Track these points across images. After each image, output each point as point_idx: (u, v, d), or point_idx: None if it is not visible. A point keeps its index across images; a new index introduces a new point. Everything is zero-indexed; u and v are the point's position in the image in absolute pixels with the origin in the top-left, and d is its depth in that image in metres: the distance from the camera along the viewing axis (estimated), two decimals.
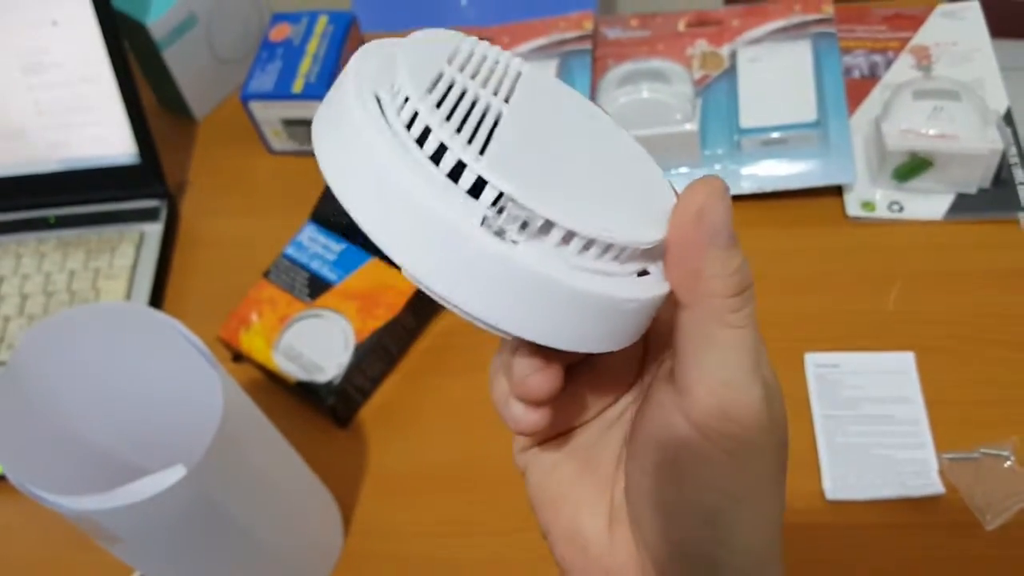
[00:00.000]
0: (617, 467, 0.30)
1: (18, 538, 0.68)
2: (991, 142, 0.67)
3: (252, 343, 0.69)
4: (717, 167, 0.73)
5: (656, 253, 0.26)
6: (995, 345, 0.65)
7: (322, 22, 0.83)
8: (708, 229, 0.25)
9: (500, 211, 0.23)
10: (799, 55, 0.75)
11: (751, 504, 0.27)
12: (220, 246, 0.81)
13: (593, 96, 0.77)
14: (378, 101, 0.24)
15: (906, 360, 0.64)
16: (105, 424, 0.52)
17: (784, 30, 0.77)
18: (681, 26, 0.81)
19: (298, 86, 0.80)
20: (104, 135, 0.79)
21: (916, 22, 0.80)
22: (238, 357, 0.71)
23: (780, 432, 0.27)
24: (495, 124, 0.25)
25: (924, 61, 0.78)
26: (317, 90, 0.79)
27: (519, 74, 0.28)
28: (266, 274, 0.72)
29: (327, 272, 0.71)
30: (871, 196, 0.72)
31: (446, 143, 0.23)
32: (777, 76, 0.74)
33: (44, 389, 0.49)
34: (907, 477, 0.60)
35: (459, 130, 0.24)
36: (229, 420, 0.45)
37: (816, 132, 0.71)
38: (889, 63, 0.78)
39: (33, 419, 0.48)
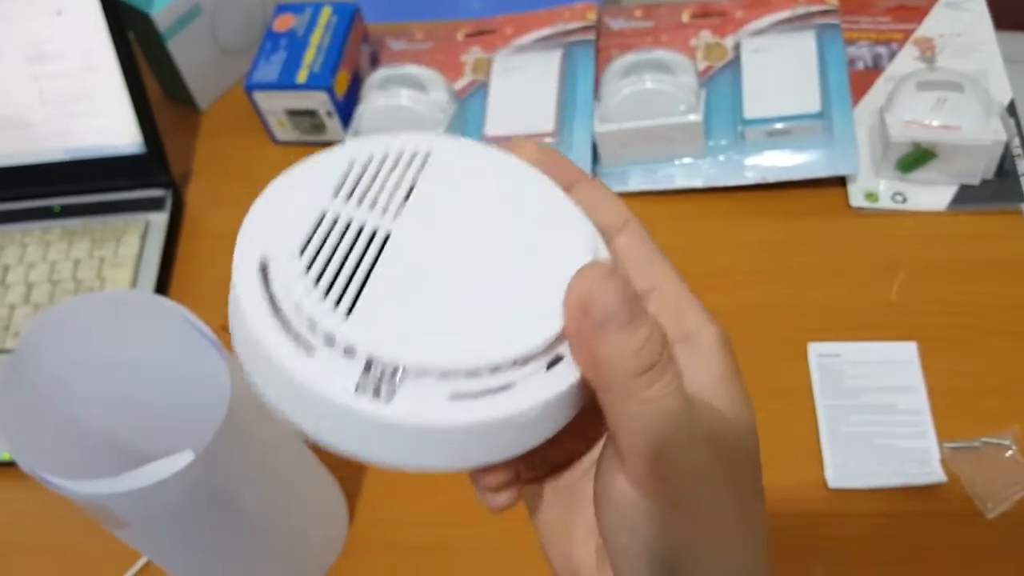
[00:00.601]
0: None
1: (27, 524, 0.68)
2: (994, 133, 0.68)
3: None
4: (721, 158, 0.73)
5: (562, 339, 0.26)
6: (997, 335, 0.65)
7: (326, 13, 0.83)
8: (597, 318, 0.25)
9: (369, 369, 0.24)
10: (803, 46, 0.75)
11: (711, 543, 0.27)
12: (225, 236, 0.80)
13: (597, 87, 0.77)
14: (263, 271, 0.26)
15: (909, 350, 0.65)
16: (112, 411, 0.52)
17: (788, 21, 0.77)
18: (685, 17, 0.81)
19: (302, 76, 0.80)
20: (109, 125, 0.80)
21: (920, 13, 0.80)
22: None
23: (737, 467, 0.27)
24: (373, 265, 0.26)
25: (928, 52, 0.78)
26: (321, 80, 0.79)
27: (424, 163, 0.28)
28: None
29: None
30: (874, 187, 0.72)
31: (313, 317, 0.24)
32: (781, 67, 0.74)
33: (52, 377, 0.49)
34: (909, 466, 0.60)
35: (329, 290, 0.25)
36: (236, 406, 0.45)
37: (820, 123, 0.71)
38: (893, 54, 0.78)
39: (41, 406, 0.48)
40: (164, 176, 0.81)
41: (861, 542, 0.58)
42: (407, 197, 0.28)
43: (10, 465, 0.70)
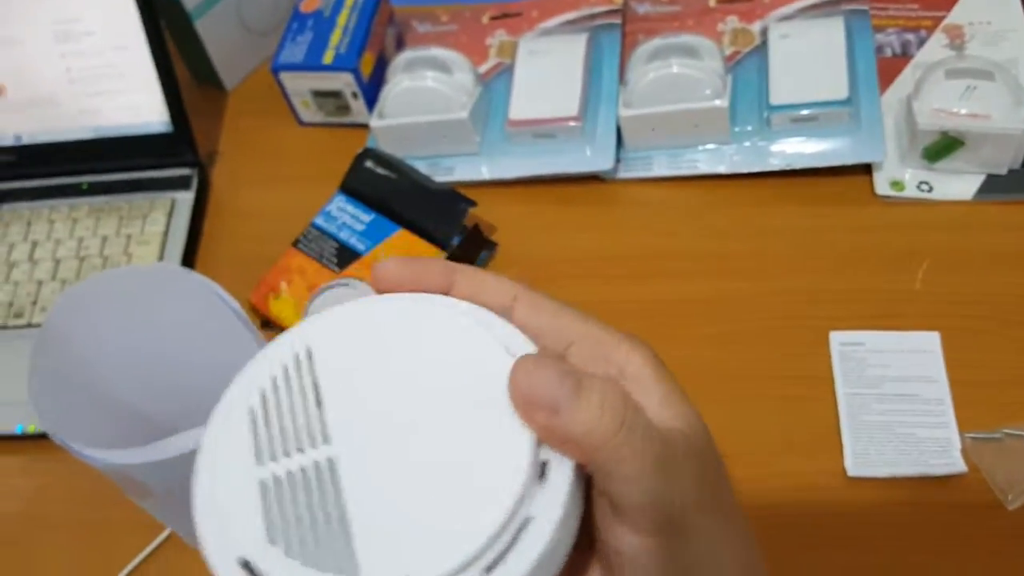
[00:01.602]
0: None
1: (52, 497, 0.69)
2: (1023, 122, 0.67)
3: (281, 310, 0.70)
4: (746, 144, 0.73)
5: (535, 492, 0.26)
6: (1021, 327, 0.64)
7: None
8: (549, 407, 0.25)
9: None
10: (831, 32, 0.74)
11: (715, 558, 0.28)
12: (249, 216, 0.82)
13: (622, 71, 0.77)
14: (251, 572, 0.25)
15: (931, 340, 0.64)
16: (140, 385, 0.53)
17: (816, 7, 0.77)
18: (712, 2, 0.81)
19: (328, 57, 0.80)
20: (136, 103, 0.80)
21: (949, 1, 0.79)
22: (267, 324, 0.72)
23: (713, 477, 0.28)
24: (341, 504, 0.25)
25: (957, 40, 0.77)
26: (347, 61, 0.79)
27: (309, 361, 0.27)
28: (295, 243, 0.73)
29: (355, 242, 0.72)
30: (900, 176, 0.72)
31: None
32: (808, 53, 0.74)
33: (81, 349, 0.50)
34: (929, 455, 0.60)
35: (326, 557, 0.24)
36: None
37: (847, 110, 0.71)
38: (922, 42, 0.78)
39: (70, 378, 0.49)
40: (191, 155, 0.82)
41: (879, 530, 0.58)
42: (319, 407, 0.27)
43: (35, 438, 0.71)
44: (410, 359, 0.27)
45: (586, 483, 0.27)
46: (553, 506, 0.25)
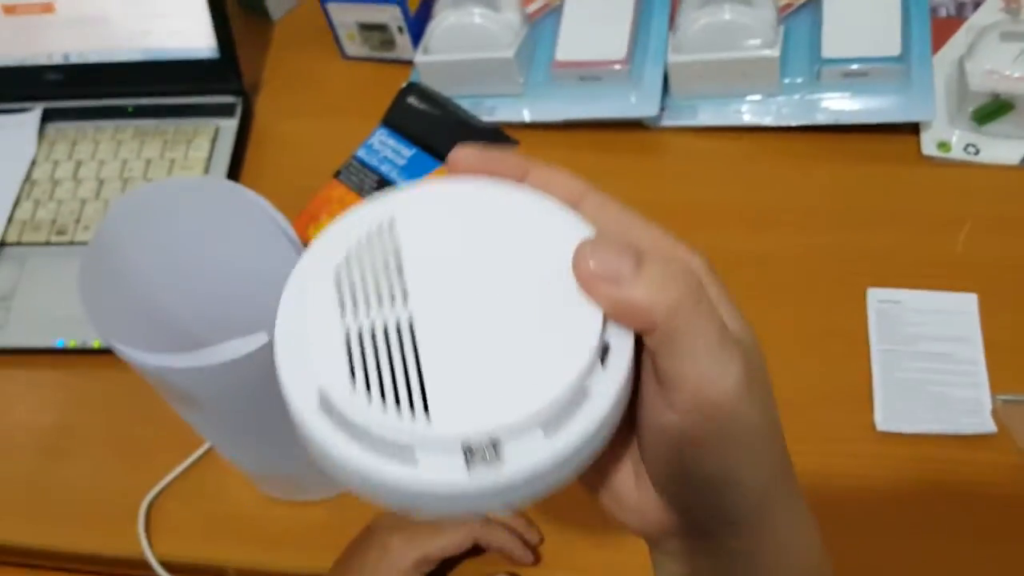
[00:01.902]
0: (631, 432, 0.31)
1: (92, 409, 0.71)
2: None
3: None
4: (795, 96, 0.72)
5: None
6: None
7: None
8: (607, 278, 0.26)
9: (472, 453, 0.26)
10: None
11: (747, 463, 0.28)
12: (292, 146, 0.83)
13: (673, 16, 0.76)
14: (326, 408, 0.26)
15: (969, 301, 0.64)
16: (187, 299, 0.54)
17: None
18: None
19: None
20: (185, 28, 0.80)
21: None
22: None
23: (761, 387, 0.28)
24: (417, 357, 0.26)
25: (1013, 3, 0.76)
26: None
27: (391, 231, 0.28)
28: (337, 174, 0.74)
29: (396, 176, 0.72)
30: (947, 137, 0.71)
31: (400, 432, 0.26)
32: (863, 7, 0.73)
33: (131, 258, 0.50)
34: (959, 415, 0.60)
35: (398, 401, 0.26)
36: None
37: (898, 67, 0.70)
38: (977, 4, 0.77)
39: (120, 288, 0.50)
40: (235, 83, 0.82)
41: (905, 485, 0.59)
42: (400, 273, 0.28)
43: (74, 353, 0.72)
44: (487, 235, 0.29)
45: (638, 361, 0.28)
46: (611, 383, 0.27)
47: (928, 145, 0.71)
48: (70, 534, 0.65)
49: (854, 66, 0.70)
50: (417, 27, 0.81)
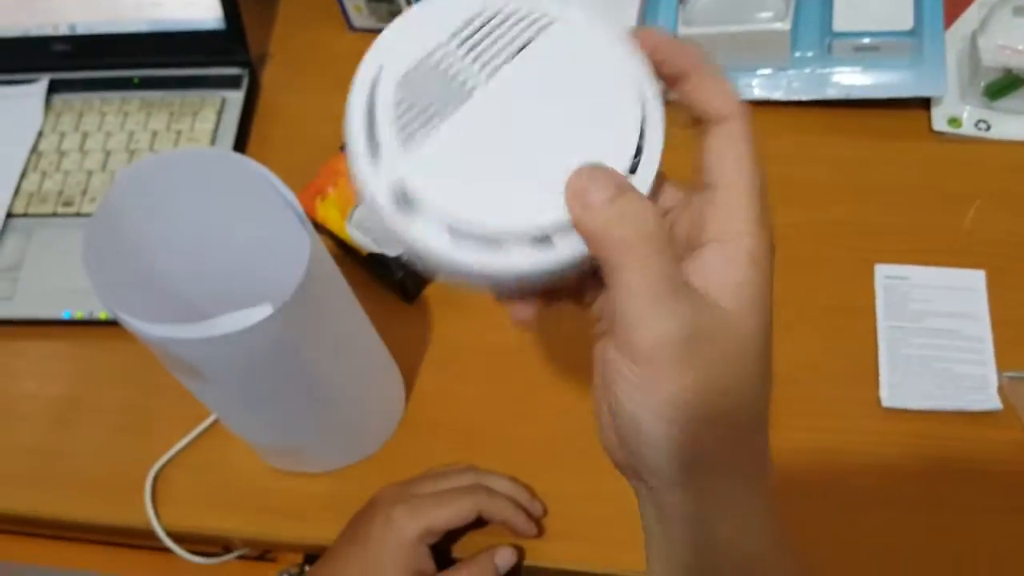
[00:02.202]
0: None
1: (98, 381, 0.71)
2: None
3: (327, 213, 0.71)
4: (805, 70, 0.72)
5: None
6: None
7: None
8: (580, 199, 0.30)
9: (401, 188, 0.31)
10: None
11: (663, 417, 0.30)
12: (298, 119, 0.82)
13: None
14: (374, 85, 0.31)
15: (977, 278, 0.64)
16: (193, 271, 0.54)
17: None
18: None
19: None
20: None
21: None
22: (314, 227, 0.73)
23: (707, 361, 0.30)
24: (448, 113, 0.31)
25: None
26: None
27: (540, 29, 0.32)
28: (343, 147, 0.73)
29: None
30: (958, 112, 0.70)
31: (385, 133, 0.31)
32: None
33: (136, 229, 0.50)
34: (965, 392, 0.60)
35: (404, 118, 0.31)
36: (314, 269, 0.46)
37: (910, 41, 0.69)
38: None
39: (125, 259, 0.50)
40: (242, 55, 0.82)
41: (910, 461, 0.59)
42: (510, 59, 0.32)
43: (81, 324, 0.72)
44: (583, 89, 0.32)
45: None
46: (652, 148, 0.32)
47: (939, 121, 0.70)
48: (78, 504, 0.66)
49: (865, 40, 0.70)
50: None
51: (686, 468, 0.30)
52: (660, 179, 0.33)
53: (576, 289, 0.35)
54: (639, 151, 0.32)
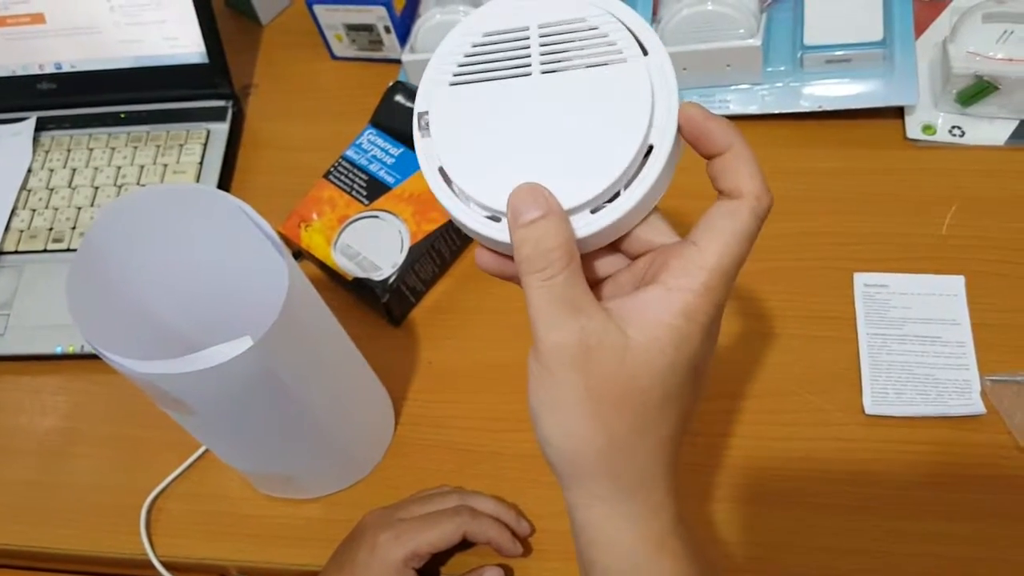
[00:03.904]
0: None
1: (89, 414, 0.72)
2: None
3: (312, 240, 0.71)
4: (778, 84, 0.73)
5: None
6: None
7: None
8: (512, 219, 0.34)
9: (425, 120, 0.36)
10: None
11: (555, 412, 0.34)
12: (282, 147, 0.83)
13: (656, 6, 0.77)
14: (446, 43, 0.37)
15: (956, 283, 0.65)
16: (175, 303, 0.55)
17: None
18: None
19: None
20: (174, 34, 0.81)
21: None
22: (297, 255, 0.74)
23: (593, 375, 0.34)
24: (490, 79, 0.36)
25: None
26: None
27: (610, 59, 0.35)
28: (326, 175, 0.74)
29: (385, 175, 0.73)
30: (932, 120, 0.71)
31: (435, 82, 0.37)
32: None
33: (119, 265, 0.51)
34: (948, 396, 0.61)
35: (459, 72, 0.36)
36: (293, 299, 0.47)
37: (881, 51, 0.70)
38: None
39: (109, 295, 0.51)
40: (225, 87, 0.83)
41: (895, 467, 0.59)
42: (572, 69, 0.35)
43: (73, 358, 0.73)
44: (610, 116, 0.35)
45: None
46: (652, 169, 0.35)
47: (913, 128, 0.71)
48: (73, 536, 0.66)
49: (837, 52, 0.71)
50: (404, 26, 0.82)
51: (568, 464, 0.35)
52: (655, 212, 0.37)
53: None
54: (621, 189, 0.35)
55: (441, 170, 0.36)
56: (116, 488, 0.68)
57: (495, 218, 0.36)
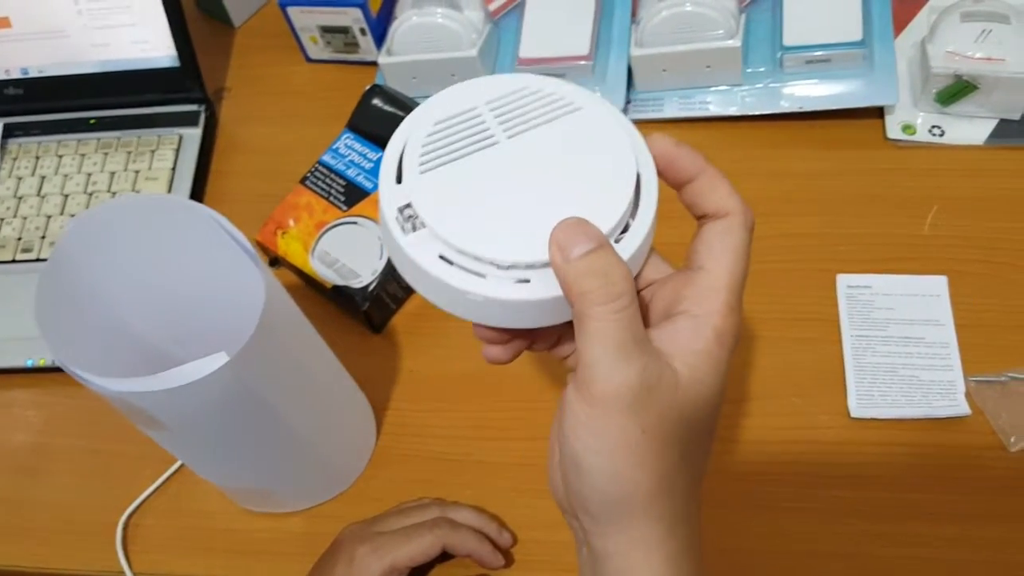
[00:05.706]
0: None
1: (65, 428, 0.70)
2: None
3: (289, 247, 0.70)
4: (758, 85, 0.72)
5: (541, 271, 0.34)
6: None
7: None
8: (561, 249, 0.32)
9: (408, 208, 0.35)
10: None
11: (607, 458, 0.32)
12: (257, 152, 0.82)
13: (635, 8, 0.76)
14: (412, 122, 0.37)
15: (939, 283, 0.64)
16: (149, 317, 0.53)
17: None
18: None
19: None
20: (144, 37, 0.80)
21: None
22: (275, 262, 0.72)
23: (656, 417, 0.32)
24: (466, 154, 0.35)
25: None
26: None
27: (568, 112, 0.36)
28: (303, 180, 0.73)
29: (363, 180, 0.72)
30: (912, 119, 0.71)
31: (407, 160, 0.35)
32: None
33: (89, 278, 0.50)
34: (933, 398, 0.60)
35: (428, 151, 0.35)
36: (270, 312, 0.46)
37: (860, 51, 0.70)
38: None
39: (80, 309, 0.49)
40: (198, 91, 0.81)
41: (881, 470, 0.59)
42: (533, 128, 0.36)
43: (44, 371, 0.71)
44: (589, 174, 0.36)
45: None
46: (649, 195, 0.36)
47: (893, 128, 0.71)
48: (48, 555, 0.65)
49: (816, 52, 0.70)
50: (380, 28, 0.81)
51: (613, 509, 0.33)
52: (651, 251, 0.37)
53: (555, 339, 0.39)
54: (629, 221, 0.35)
55: (443, 257, 0.34)
56: (91, 504, 0.66)
57: (522, 277, 0.34)
